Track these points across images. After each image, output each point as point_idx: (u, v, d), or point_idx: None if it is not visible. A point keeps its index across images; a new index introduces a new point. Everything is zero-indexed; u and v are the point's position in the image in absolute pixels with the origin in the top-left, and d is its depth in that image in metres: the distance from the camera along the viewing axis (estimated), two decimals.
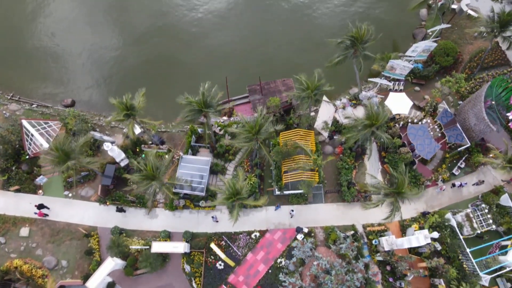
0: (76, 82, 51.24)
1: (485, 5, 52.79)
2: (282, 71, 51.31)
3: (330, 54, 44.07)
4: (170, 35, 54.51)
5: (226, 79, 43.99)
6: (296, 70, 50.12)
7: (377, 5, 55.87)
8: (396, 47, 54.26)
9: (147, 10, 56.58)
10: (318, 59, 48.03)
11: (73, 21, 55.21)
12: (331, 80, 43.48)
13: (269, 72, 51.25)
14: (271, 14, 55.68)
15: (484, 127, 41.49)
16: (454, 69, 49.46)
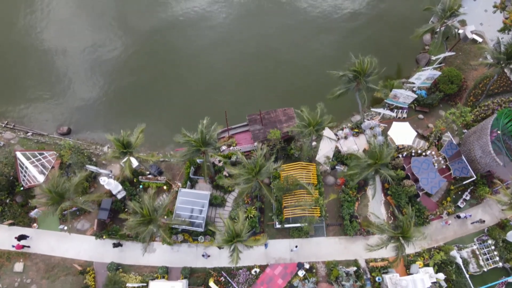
0: (72, 110, 50.12)
1: (490, 30, 51.96)
2: (283, 94, 50.65)
3: (334, 82, 42.91)
4: (169, 53, 53.44)
5: (225, 114, 43.04)
6: (297, 95, 50.22)
7: (379, 28, 54.68)
8: (399, 71, 53.33)
9: (145, 25, 55.41)
10: (320, 82, 47.22)
11: (68, 43, 54.14)
12: (333, 106, 42.81)
13: (269, 95, 50.62)
14: (274, 37, 54.43)
15: (490, 161, 40.44)
16: (459, 96, 48.46)
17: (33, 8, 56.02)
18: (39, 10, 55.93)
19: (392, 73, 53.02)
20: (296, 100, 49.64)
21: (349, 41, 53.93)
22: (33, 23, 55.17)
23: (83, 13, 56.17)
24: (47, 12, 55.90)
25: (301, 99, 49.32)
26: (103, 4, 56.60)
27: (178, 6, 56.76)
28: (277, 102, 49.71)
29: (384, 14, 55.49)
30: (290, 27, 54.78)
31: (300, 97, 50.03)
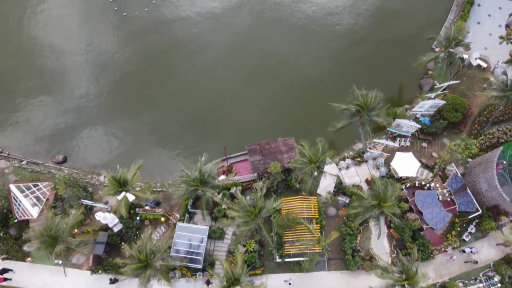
0: (68, 137, 49.02)
1: (495, 54, 50.98)
2: (283, 120, 49.62)
3: (336, 113, 41.80)
4: (168, 77, 52.40)
5: (224, 148, 42.06)
6: (298, 122, 49.20)
7: (382, 53, 53.55)
8: (401, 94, 52.30)
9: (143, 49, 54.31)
10: (322, 110, 46.10)
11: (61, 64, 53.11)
12: (334, 133, 41.92)
13: (270, 122, 49.57)
14: (275, 64, 53.10)
15: (496, 195, 39.40)
16: (463, 124, 47.38)
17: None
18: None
19: (394, 96, 52.06)
20: (296, 126, 49.14)
21: (351, 66, 52.83)
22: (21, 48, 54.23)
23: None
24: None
25: (302, 126, 49.16)
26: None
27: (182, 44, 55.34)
28: (277, 129, 48.71)
29: (387, 38, 54.21)
30: (292, 55, 53.55)
31: (301, 123, 49.29)
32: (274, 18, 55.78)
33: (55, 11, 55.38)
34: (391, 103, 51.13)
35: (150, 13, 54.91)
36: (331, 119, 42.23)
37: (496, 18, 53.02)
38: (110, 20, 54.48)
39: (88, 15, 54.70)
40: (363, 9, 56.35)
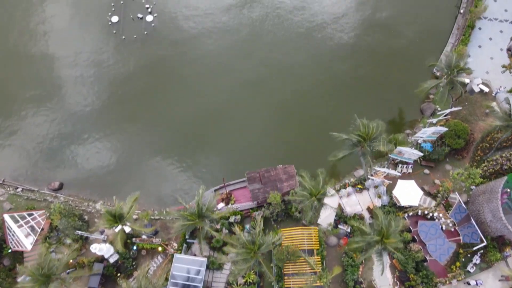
0: (64, 163, 48.30)
1: (496, 78, 50.48)
2: (283, 147, 48.97)
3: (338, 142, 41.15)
4: (168, 99, 51.80)
5: (223, 180, 41.37)
6: (298, 149, 48.53)
7: (383, 76, 53.08)
8: (402, 117, 51.64)
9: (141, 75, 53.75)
10: (324, 136, 45.43)
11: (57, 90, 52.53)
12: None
13: (268, 148, 48.91)
14: (276, 90, 52.42)
15: (501, 226, 38.52)
16: (466, 150, 46.67)
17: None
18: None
19: (395, 120, 51.44)
20: (296, 151, 48.52)
21: (352, 89, 52.36)
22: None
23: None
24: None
25: (302, 151, 48.50)
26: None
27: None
28: (276, 154, 48.18)
29: (388, 61, 53.77)
30: (292, 78, 53.00)
31: (301, 148, 48.65)
32: (274, 41, 55.44)
33: (54, 34, 54.97)
34: (392, 126, 50.90)
35: (148, 36, 54.52)
36: (331, 145, 41.61)
37: (497, 41, 52.63)
38: (108, 43, 53.98)
39: (86, 39, 54.25)
40: (363, 30, 55.96)
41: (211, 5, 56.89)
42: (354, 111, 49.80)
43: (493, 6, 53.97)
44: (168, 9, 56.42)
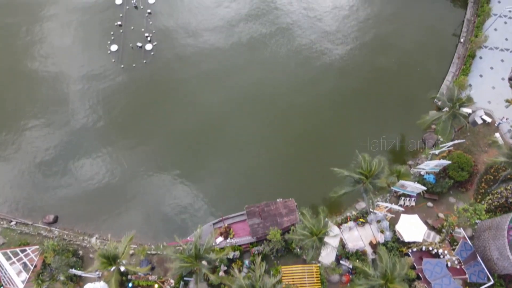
0: (59, 194, 47.35)
1: (499, 108, 49.92)
2: (283, 179, 48.06)
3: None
4: (166, 126, 51.19)
5: (221, 217, 40.36)
6: (298, 180, 47.65)
7: (383, 103, 52.62)
8: (404, 148, 50.84)
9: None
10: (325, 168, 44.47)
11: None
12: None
13: (267, 180, 48.04)
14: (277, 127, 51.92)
15: (508, 265, 37.29)
16: (470, 182, 45.72)
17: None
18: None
19: (397, 149, 50.62)
20: (296, 183, 47.60)
21: (352, 117, 51.79)
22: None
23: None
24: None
25: (302, 182, 47.61)
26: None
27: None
28: (276, 186, 47.31)
29: (388, 89, 53.32)
30: (293, 106, 52.32)
31: (301, 179, 47.75)
32: (274, 69, 55.19)
33: (50, 63, 54.56)
34: (393, 155, 50.23)
35: (148, 65, 54.20)
36: (333, 177, 40.55)
37: (498, 71, 52.31)
38: (107, 72, 53.59)
39: (84, 67, 53.89)
40: (363, 59, 55.68)
41: (211, 32, 56.71)
42: (355, 141, 50.26)
43: (494, 35, 53.81)
44: (168, 37, 56.23)
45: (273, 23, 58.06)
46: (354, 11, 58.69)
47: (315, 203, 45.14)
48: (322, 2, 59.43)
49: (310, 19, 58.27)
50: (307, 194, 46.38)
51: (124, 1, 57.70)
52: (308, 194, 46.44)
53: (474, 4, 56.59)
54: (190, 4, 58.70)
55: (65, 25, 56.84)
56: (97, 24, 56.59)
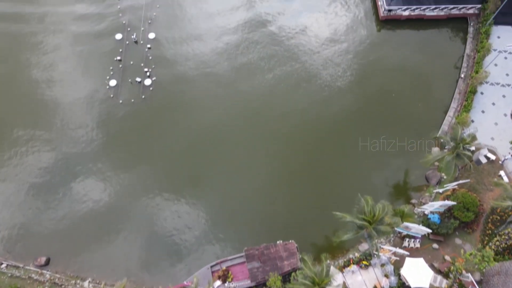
0: (52, 238, 45.83)
1: (502, 144, 49.02)
2: (283, 218, 46.74)
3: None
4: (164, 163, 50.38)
5: (221, 272, 39.08)
6: (299, 220, 46.31)
7: (384, 138, 51.74)
8: (406, 184, 49.71)
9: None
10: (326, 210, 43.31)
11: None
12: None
13: (267, 219, 46.74)
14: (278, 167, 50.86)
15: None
16: (476, 223, 44.35)
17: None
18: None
19: (399, 186, 49.52)
20: (297, 222, 46.17)
21: (352, 153, 50.83)
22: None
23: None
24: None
25: (303, 222, 46.24)
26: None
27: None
28: (276, 225, 46.05)
29: (389, 124, 52.64)
30: (292, 139, 51.69)
31: (302, 218, 46.34)
32: (273, 101, 54.67)
33: (47, 98, 54.02)
34: (396, 190, 49.29)
35: (146, 100, 53.68)
36: (336, 220, 39.31)
37: (500, 106, 51.76)
38: (104, 108, 53.07)
39: (81, 102, 53.41)
40: (361, 91, 55.14)
41: (212, 69, 56.37)
42: (357, 179, 49.44)
43: (494, 70, 53.55)
44: (167, 72, 55.92)
45: (273, 49, 58.11)
46: (352, 46, 58.64)
47: (316, 244, 44.02)
48: (324, 35, 59.56)
49: (313, 50, 58.12)
50: (308, 235, 45.22)
51: (124, 36, 57.84)
52: (310, 235, 45.29)
53: (473, 40, 56.69)
54: (190, 40, 58.68)
55: (65, 60, 56.59)
56: (96, 59, 56.38)
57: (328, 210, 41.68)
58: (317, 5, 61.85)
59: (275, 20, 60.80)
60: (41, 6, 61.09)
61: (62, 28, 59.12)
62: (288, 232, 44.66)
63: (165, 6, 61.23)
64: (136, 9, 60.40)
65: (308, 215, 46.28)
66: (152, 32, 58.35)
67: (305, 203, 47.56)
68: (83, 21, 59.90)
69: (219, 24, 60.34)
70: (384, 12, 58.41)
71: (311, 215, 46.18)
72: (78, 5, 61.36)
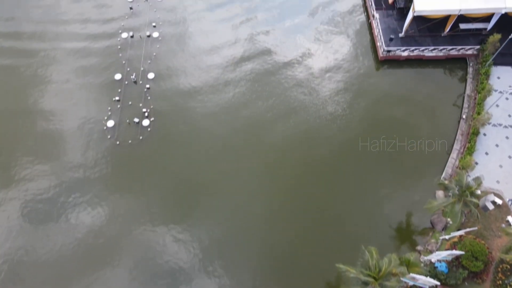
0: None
1: (508, 188, 47.83)
2: (282, 271, 44.90)
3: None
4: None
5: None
6: (300, 274, 44.45)
7: (387, 182, 50.63)
8: (410, 230, 48.08)
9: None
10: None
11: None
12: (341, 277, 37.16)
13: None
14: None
15: None
16: (485, 272, 42.43)
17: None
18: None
19: (403, 229, 47.93)
20: (298, 274, 44.38)
21: (355, 197, 49.57)
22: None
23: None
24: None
25: (306, 275, 44.41)
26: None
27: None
28: (275, 274, 44.25)
29: (391, 166, 51.67)
30: (292, 183, 50.62)
31: (305, 272, 44.50)
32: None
33: (45, 131, 53.68)
34: (401, 239, 47.55)
35: (144, 141, 52.75)
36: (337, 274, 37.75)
37: (504, 148, 50.84)
38: (100, 150, 52.09)
39: (78, 145, 52.61)
40: (362, 133, 54.05)
41: (211, 113, 55.71)
42: (359, 219, 47.97)
43: (496, 111, 52.97)
44: (165, 113, 55.28)
45: (272, 86, 58.03)
46: (351, 86, 58.32)
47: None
48: (322, 74, 59.40)
49: (312, 90, 57.77)
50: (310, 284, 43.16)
51: (123, 76, 57.71)
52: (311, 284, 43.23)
53: (473, 80, 56.52)
54: (190, 80, 58.30)
55: (63, 100, 56.14)
56: (94, 100, 55.78)
57: (329, 253, 40.41)
58: (316, 46, 62.14)
59: (273, 61, 60.74)
60: (42, 42, 61.52)
61: (61, 68, 59.02)
62: (287, 280, 42.78)
63: (165, 45, 61.45)
64: (136, 49, 60.63)
65: (309, 264, 44.42)
66: (151, 72, 58.26)
67: (305, 247, 45.92)
68: (83, 58, 59.97)
69: (218, 62, 60.08)
70: (383, 53, 58.59)
71: (314, 264, 44.31)
72: (79, 43, 61.65)
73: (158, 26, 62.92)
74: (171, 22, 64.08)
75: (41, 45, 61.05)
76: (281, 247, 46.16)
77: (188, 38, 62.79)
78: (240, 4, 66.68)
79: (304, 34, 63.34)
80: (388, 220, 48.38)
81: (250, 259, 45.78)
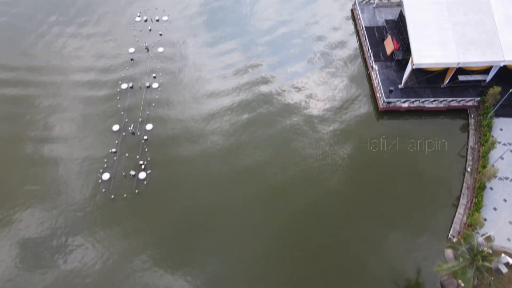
0: None
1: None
2: None
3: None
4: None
5: None
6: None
7: (394, 239, 48.43)
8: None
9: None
10: None
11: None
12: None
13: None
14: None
15: None
16: None
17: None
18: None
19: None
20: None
21: (360, 252, 47.28)
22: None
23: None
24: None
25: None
26: None
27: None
28: None
29: (394, 220, 49.71)
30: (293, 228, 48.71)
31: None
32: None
33: (35, 187, 52.12)
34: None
35: (139, 195, 51.10)
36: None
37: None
38: (93, 204, 50.35)
39: (70, 197, 50.98)
40: (362, 185, 52.90)
41: (210, 166, 54.50)
42: (364, 278, 45.42)
43: (501, 164, 51.69)
44: (163, 165, 53.95)
45: (271, 126, 57.97)
46: (351, 137, 57.38)
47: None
48: (322, 127, 58.74)
49: (311, 141, 56.82)
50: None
51: (121, 127, 57.04)
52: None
53: (476, 132, 55.70)
54: (188, 131, 57.56)
55: (60, 149, 55.26)
56: (90, 151, 54.78)
57: None
58: (315, 97, 61.95)
59: (275, 107, 60.61)
60: (40, 88, 62.05)
61: (59, 117, 58.59)
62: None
63: (165, 96, 61.29)
64: (135, 99, 60.42)
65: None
66: (149, 123, 57.68)
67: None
68: (83, 108, 59.65)
69: (216, 111, 59.82)
70: (383, 104, 58.26)
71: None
72: (79, 93, 61.65)
73: (158, 77, 63.20)
74: (171, 72, 64.50)
75: (39, 91, 61.45)
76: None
77: (188, 88, 62.68)
78: (240, 54, 67.49)
79: (306, 80, 63.65)
80: (394, 278, 45.79)
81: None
